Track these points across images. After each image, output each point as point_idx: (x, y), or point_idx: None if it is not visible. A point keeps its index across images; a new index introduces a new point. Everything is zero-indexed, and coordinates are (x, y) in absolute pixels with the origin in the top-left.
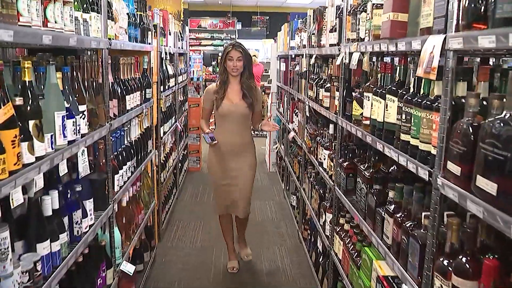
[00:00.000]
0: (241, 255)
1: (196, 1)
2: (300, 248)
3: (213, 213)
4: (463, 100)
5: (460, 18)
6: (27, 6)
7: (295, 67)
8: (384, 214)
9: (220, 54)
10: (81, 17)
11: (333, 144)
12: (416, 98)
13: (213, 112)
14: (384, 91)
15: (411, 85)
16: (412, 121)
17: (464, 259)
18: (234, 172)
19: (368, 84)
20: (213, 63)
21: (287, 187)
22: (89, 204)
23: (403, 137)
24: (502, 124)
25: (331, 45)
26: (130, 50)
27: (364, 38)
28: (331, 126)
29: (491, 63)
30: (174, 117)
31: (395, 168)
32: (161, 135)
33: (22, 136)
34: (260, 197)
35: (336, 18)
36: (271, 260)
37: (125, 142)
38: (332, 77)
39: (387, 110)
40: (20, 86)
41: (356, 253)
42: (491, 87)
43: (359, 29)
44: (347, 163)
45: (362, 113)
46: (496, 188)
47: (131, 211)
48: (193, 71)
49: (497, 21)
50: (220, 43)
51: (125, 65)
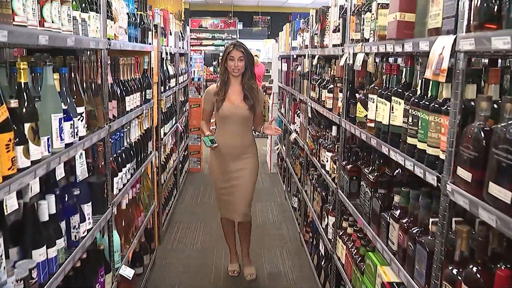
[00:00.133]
0: (244, 273)
1: (197, 1)
2: (301, 251)
3: (215, 214)
4: (472, 103)
5: (472, 18)
6: (22, 5)
7: (297, 67)
8: (389, 219)
9: (221, 54)
10: (79, 17)
11: (336, 146)
12: (423, 101)
13: (213, 113)
14: (389, 93)
15: (418, 87)
16: (420, 125)
17: (474, 269)
18: (235, 175)
19: (373, 85)
20: (214, 63)
21: (289, 189)
22: (87, 208)
23: (410, 140)
24: None
25: (334, 45)
26: (130, 50)
27: (368, 39)
28: (334, 128)
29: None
30: (174, 118)
31: (400, 171)
32: (162, 136)
33: (17, 139)
34: (261, 199)
35: (339, 18)
36: (272, 262)
37: (125, 143)
38: (335, 78)
39: (392, 113)
40: (15, 88)
41: (359, 258)
42: (500, 89)
43: (363, 29)
44: (350, 165)
45: (366, 115)
46: (511, 196)
47: (131, 214)
48: (194, 71)
49: None
50: (221, 43)
51: (125, 66)
